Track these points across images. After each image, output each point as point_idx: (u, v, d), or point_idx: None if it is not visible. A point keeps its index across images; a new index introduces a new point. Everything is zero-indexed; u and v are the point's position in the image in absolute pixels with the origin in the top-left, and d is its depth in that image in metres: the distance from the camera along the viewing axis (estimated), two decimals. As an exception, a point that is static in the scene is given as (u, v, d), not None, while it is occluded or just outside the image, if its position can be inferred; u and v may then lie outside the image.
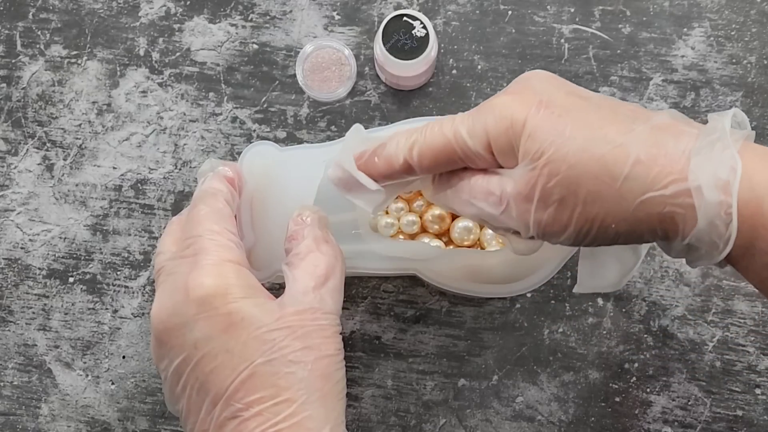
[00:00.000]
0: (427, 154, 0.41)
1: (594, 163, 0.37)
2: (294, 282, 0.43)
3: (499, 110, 0.39)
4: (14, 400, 0.57)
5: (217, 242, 0.43)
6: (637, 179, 0.36)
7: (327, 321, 0.42)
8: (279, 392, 0.40)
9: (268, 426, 0.40)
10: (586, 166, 0.37)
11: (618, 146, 0.37)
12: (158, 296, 0.43)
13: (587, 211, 0.38)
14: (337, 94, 0.57)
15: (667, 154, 0.36)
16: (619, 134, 0.37)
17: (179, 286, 0.42)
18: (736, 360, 0.55)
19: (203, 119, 0.58)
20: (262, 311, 0.41)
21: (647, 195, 0.36)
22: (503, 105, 0.39)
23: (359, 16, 0.59)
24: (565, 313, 0.56)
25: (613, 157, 0.37)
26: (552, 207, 0.38)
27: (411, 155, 0.41)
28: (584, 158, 0.37)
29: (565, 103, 0.38)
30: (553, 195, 0.38)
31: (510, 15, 0.58)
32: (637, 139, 0.37)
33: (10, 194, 0.58)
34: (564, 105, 0.38)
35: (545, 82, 0.40)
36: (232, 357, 0.40)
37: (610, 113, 0.38)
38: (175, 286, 0.42)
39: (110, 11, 0.59)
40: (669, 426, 0.55)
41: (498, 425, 0.55)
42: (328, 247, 0.44)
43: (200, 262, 0.42)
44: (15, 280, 0.58)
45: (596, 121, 0.38)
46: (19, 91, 0.59)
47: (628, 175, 0.36)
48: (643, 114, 0.39)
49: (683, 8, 0.58)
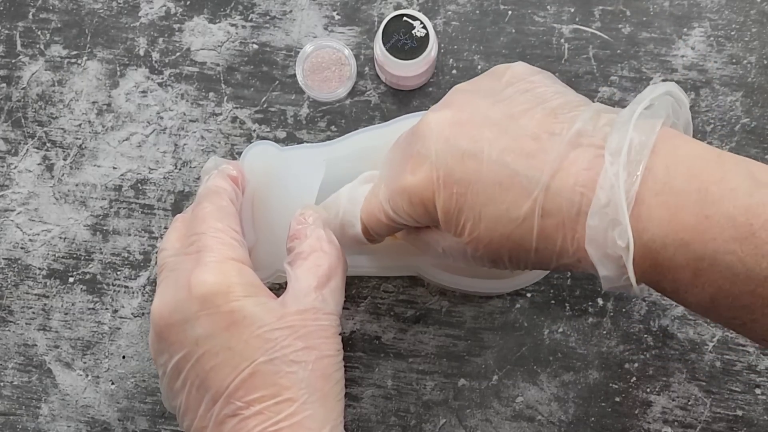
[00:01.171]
0: (376, 228, 0.46)
1: (506, 240, 0.40)
2: (296, 281, 0.43)
3: (408, 197, 0.42)
4: (14, 400, 0.57)
5: (220, 240, 0.43)
6: (546, 250, 0.39)
7: (328, 321, 0.42)
8: (280, 391, 0.40)
9: (269, 425, 0.40)
10: (500, 243, 0.40)
11: (520, 224, 0.39)
12: (160, 292, 0.43)
13: (515, 264, 0.42)
14: (337, 94, 0.57)
15: (565, 224, 0.38)
16: (518, 207, 0.39)
17: (182, 283, 0.42)
18: (736, 360, 0.55)
19: (203, 119, 0.58)
20: (264, 310, 0.41)
21: (559, 261, 0.40)
22: (412, 190, 0.42)
23: (359, 16, 0.59)
24: (565, 313, 0.56)
25: (520, 234, 0.39)
26: (486, 264, 0.42)
27: (365, 228, 0.46)
28: (496, 236, 0.40)
29: (461, 176, 0.40)
30: (483, 259, 0.42)
31: (510, 15, 0.58)
32: (535, 212, 0.38)
33: (10, 194, 0.58)
34: (461, 179, 0.40)
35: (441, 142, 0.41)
36: (234, 355, 0.40)
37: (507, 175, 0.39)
38: (177, 282, 0.42)
39: (110, 11, 0.59)
40: (669, 426, 0.55)
41: (498, 425, 0.55)
42: (331, 247, 0.44)
43: (203, 259, 0.42)
44: (15, 280, 0.58)
45: (495, 193, 0.39)
46: (19, 91, 0.59)
47: (537, 247, 0.39)
48: (547, 143, 0.39)
49: (683, 8, 0.58)
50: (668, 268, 0.37)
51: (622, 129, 0.38)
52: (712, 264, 0.36)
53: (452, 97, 0.43)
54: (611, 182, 0.37)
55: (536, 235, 0.39)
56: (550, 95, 0.41)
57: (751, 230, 0.35)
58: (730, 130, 0.57)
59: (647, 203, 0.36)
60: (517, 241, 0.39)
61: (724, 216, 0.35)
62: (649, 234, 0.37)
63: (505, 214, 0.39)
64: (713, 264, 0.36)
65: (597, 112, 0.39)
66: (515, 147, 0.39)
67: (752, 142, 0.57)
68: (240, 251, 0.43)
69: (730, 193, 0.36)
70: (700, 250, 0.36)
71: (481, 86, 0.43)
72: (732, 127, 0.57)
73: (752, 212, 0.35)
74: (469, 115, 0.41)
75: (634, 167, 0.37)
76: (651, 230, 0.36)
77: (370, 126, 0.55)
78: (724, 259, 0.35)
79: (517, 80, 0.42)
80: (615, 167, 0.37)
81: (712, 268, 0.36)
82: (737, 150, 0.57)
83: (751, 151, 0.57)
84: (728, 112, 0.57)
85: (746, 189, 0.35)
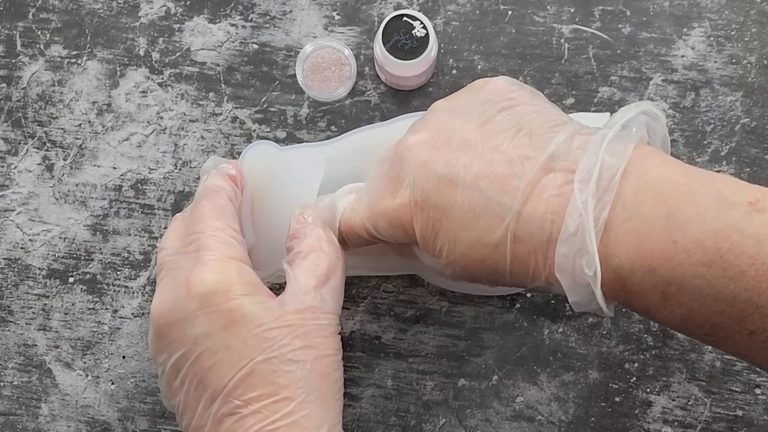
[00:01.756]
0: (355, 242, 0.47)
1: (480, 264, 0.41)
2: (295, 280, 0.43)
3: (388, 219, 0.43)
4: (14, 400, 0.57)
5: (219, 239, 0.43)
6: (520, 274, 0.40)
7: (327, 321, 0.42)
8: (278, 390, 0.40)
9: (266, 424, 0.40)
10: (475, 267, 0.41)
11: (493, 249, 0.40)
12: (159, 291, 0.43)
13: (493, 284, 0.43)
14: (337, 94, 0.57)
15: (537, 251, 0.39)
16: (490, 233, 0.39)
17: (181, 282, 0.42)
18: (736, 360, 0.55)
19: (203, 119, 0.58)
20: (263, 309, 0.41)
21: (533, 284, 0.41)
22: (392, 213, 0.43)
23: (359, 16, 0.59)
24: (565, 313, 0.56)
25: (493, 259, 0.40)
26: (467, 281, 0.43)
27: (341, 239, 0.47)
28: (471, 261, 0.41)
29: (437, 201, 0.41)
30: (462, 278, 0.43)
31: (510, 15, 0.58)
32: (507, 239, 0.39)
33: (10, 194, 0.58)
34: (437, 204, 0.41)
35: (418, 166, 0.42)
36: (232, 354, 0.40)
37: (480, 202, 0.40)
38: (176, 281, 0.42)
39: (110, 11, 0.59)
40: (669, 426, 0.55)
41: (498, 425, 0.55)
42: (330, 247, 0.44)
43: (202, 258, 0.42)
44: (15, 280, 0.58)
45: (469, 219, 0.40)
46: (19, 91, 0.59)
47: (511, 271, 0.40)
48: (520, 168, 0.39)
49: (683, 8, 0.58)
50: (637, 292, 0.38)
51: (593, 153, 0.38)
52: (680, 288, 0.36)
53: (430, 117, 0.44)
54: (579, 211, 0.37)
55: (509, 260, 0.40)
56: (528, 114, 0.41)
57: (719, 253, 0.35)
58: (730, 130, 0.57)
59: (615, 230, 0.37)
60: (491, 266, 0.40)
61: (692, 241, 0.36)
62: (617, 260, 0.37)
63: (477, 240, 0.40)
64: (681, 288, 0.36)
65: (572, 134, 0.40)
66: (489, 172, 0.40)
67: (752, 142, 0.57)
68: (239, 250, 0.43)
69: (697, 217, 0.36)
70: (667, 275, 0.36)
71: (460, 103, 0.44)
72: (732, 127, 0.57)
73: (720, 236, 0.35)
74: (445, 139, 0.42)
75: (603, 193, 0.37)
76: (619, 257, 0.37)
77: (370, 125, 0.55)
78: (692, 283, 0.36)
79: (495, 97, 0.43)
80: (584, 195, 0.37)
81: (680, 292, 0.36)
82: (737, 150, 0.57)
83: (751, 151, 0.57)
84: (728, 112, 0.57)
85: (715, 211, 0.36)
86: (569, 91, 0.57)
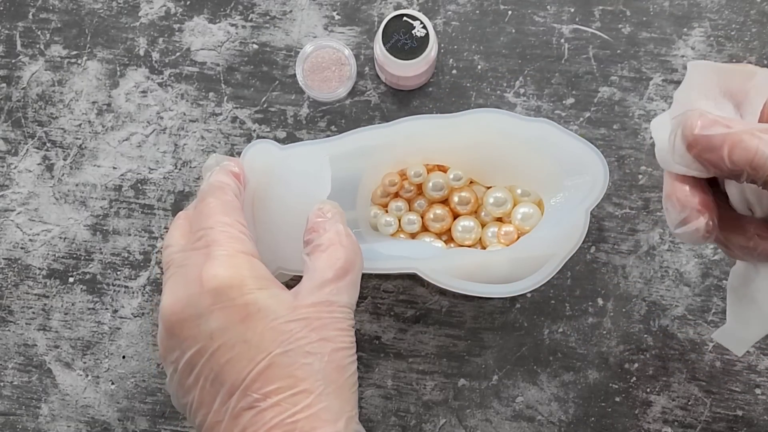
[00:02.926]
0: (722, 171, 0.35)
1: None
2: (314, 272, 0.43)
3: None
4: (14, 400, 0.57)
5: (228, 234, 0.43)
6: None
7: (342, 314, 0.42)
8: (296, 383, 0.40)
9: (286, 416, 0.40)
10: None
11: None
12: (169, 288, 0.43)
13: None
14: (337, 94, 0.57)
15: None
16: None
17: (192, 278, 0.42)
18: (736, 360, 0.55)
19: (203, 119, 0.58)
20: (278, 302, 0.41)
21: None
22: None
23: (359, 16, 0.59)
24: (565, 313, 0.56)
25: None
26: None
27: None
28: None
29: None
30: None
31: (510, 15, 0.58)
32: None
33: (10, 194, 0.58)
34: None
35: None
36: (250, 347, 0.40)
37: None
38: (187, 277, 0.42)
39: (110, 11, 0.59)
40: (669, 426, 0.55)
41: (498, 425, 0.55)
42: (350, 242, 0.44)
43: (213, 253, 0.42)
44: (15, 280, 0.58)
45: None
46: (19, 91, 0.59)
47: None
48: None
49: (683, 8, 0.58)
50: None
51: None
52: None
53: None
54: None
55: None
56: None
57: None
58: (730, 130, 0.57)
59: None
60: None
61: None
62: None
63: None
64: None
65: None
66: None
67: (752, 142, 0.57)
68: (249, 245, 0.44)
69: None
70: None
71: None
72: (732, 127, 0.57)
73: None
74: None
75: None
76: None
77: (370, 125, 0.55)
78: None
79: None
80: None
81: None
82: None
83: (751, 151, 0.57)
84: (728, 112, 0.57)
85: None
86: (569, 91, 0.57)
